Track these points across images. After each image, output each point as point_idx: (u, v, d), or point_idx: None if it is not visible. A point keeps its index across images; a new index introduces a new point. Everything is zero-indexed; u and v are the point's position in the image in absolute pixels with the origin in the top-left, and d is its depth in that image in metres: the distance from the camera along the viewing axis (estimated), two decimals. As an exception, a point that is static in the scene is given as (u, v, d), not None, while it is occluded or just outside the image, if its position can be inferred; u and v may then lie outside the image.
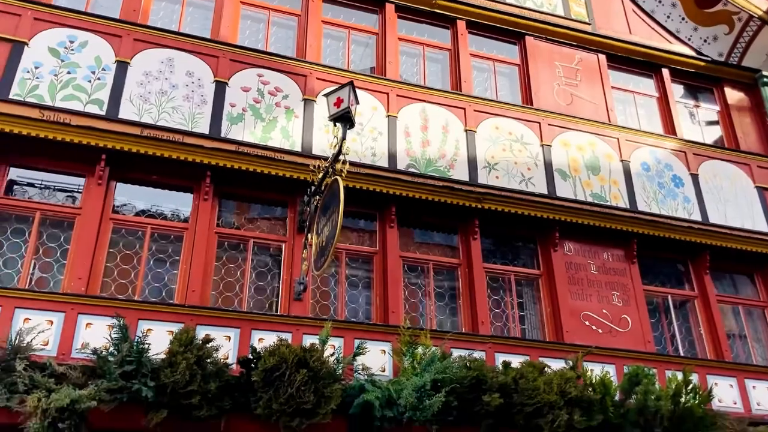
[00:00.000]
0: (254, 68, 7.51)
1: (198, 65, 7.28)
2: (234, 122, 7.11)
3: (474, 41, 8.98)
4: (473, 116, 8.16)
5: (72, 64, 6.80)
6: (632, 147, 8.74)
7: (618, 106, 9.35)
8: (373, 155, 7.50)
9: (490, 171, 7.90)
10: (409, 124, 7.84)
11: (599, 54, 9.39)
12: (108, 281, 6.40)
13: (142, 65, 7.05)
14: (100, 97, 6.73)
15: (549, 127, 8.45)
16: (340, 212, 5.68)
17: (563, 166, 8.25)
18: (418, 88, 8.16)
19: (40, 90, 6.55)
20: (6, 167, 6.46)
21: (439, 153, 7.79)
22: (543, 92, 8.77)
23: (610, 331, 7.57)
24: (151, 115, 6.83)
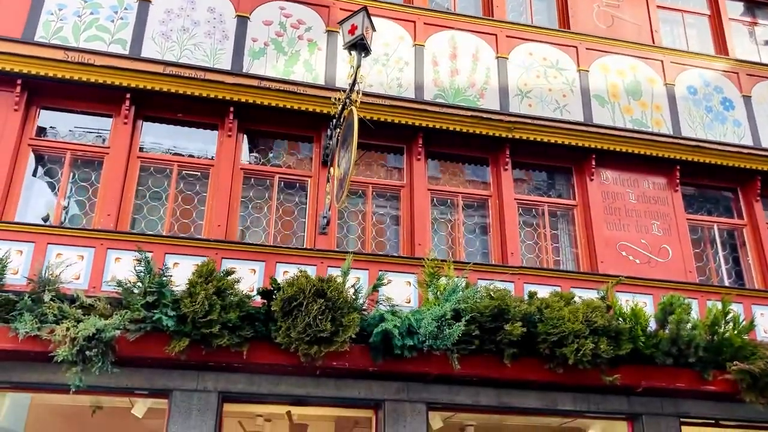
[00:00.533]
0: (276, 1, 7.39)
1: (219, 0, 7.22)
2: (256, 57, 7.06)
3: (507, -37, 8.58)
4: (505, 42, 7.83)
5: (94, 4, 6.84)
6: (678, 69, 8.24)
7: (664, 27, 8.81)
8: (399, 86, 7.33)
9: (523, 99, 7.62)
10: (437, 52, 7.61)
11: (644, -29, 8.82)
12: (138, 218, 6.56)
13: (163, 3, 7.03)
14: (123, 37, 6.78)
15: (587, 51, 8.04)
16: (353, 143, 5.61)
17: (601, 92, 7.87)
18: (446, 15, 7.88)
19: (65, 31, 6.64)
20: (37, 109, 6.62)
21: (469, 82, 7.54)
22: (581, 15, 8.32)
23: (649, 261, 7.30)
24: (173, 52, 6.85)
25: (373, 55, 7.33)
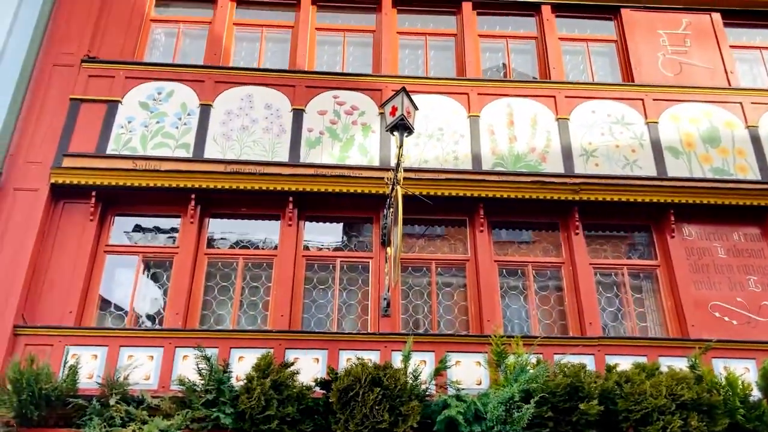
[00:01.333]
0: (330, 91, 7.58)
1: (276, 97, 7.50)
2: (312, 146, 7.22)
3: (563, 24, 8.41)
4: (564, 103, 7.61)
5: (160, 113, 7.29)
6: (761, 110, 7.66)
7: (742, 67, 8.29)
8: (456, 159, 7.24)
9: (588, 159, 7.30)
10: (492, 122, 7.49)
11: (712, 13, 8.37)
12: (207, 313, 6.72)
13: (223, 105, 7.39)
14: (187, 141, 7.15)
15: (654, 102, 7.66)
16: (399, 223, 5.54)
17: (674, 143, 7.42)
18: (501, 84, 7.79)
19: (133, 142, 7.09)
20: (111, 217, 7.03)
21: (529, 147, 7.34)
22: (645, 66, 7.97)
23: (748, 321, 6.61)
24: (233, 151, 7.13)
25: (428, 130, 7.39)
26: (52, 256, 6.56)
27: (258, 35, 8.22)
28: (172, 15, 8.22)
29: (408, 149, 7.16)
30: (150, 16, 8.11)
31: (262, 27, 8.24)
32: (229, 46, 8.02)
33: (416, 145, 7.28)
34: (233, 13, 8.23)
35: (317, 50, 8.18)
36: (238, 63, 8.01)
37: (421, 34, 8.34)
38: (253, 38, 8.23)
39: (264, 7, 8.35)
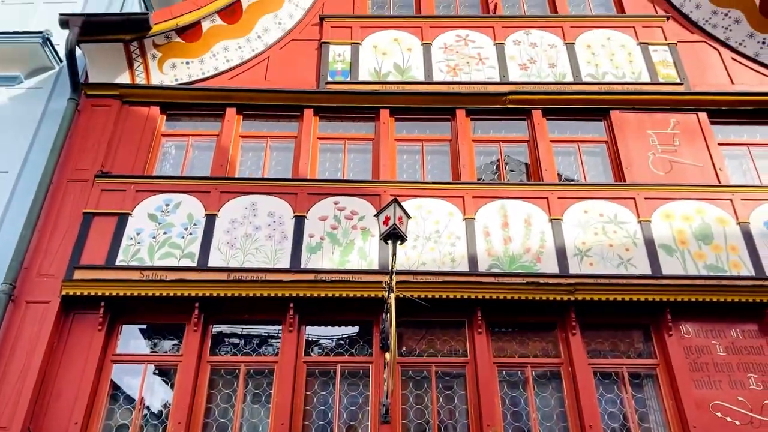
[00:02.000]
0: (330, 197, 7.90)
1: (279, 204, 7.81)
2: (313, 252, 7.46)
3: (554, 126, 8.76)
4: (557, 204, 7.84)
5: (168, 224, 7.62)
6: (751, 206, 7.81)
7: (732, 163, 8.50)
8: (452, 261, 7.42)
9: (583, 258, 7.45)
10: (488, 223, 7.71)
11: (698, 112, 8.66)
12: (209, 421, 6.80)
13: (228, 214, 7.72)
14: (192, 250, 7.43)
15: (646, 201, 7.85)
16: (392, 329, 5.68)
17: (668, 241, 7.56)
18: (494, 186, 8.06)
19: (141, 253, 7.39)
20: (119, 326, 7.25)
21: (523, 248, 7.52)
22: (636, 165, 8.23)
23: (751, 421, 6.54)
24: (237, 259, 7.39)
25: (425, 233, 7.62)
26: (60, 367, 6.76)
27: (263, 145, 8.65)
28: (182, 129, 8.71)
29: (406, 252, 7.41)
30: (161, 131, 8.60)
31: (267, 137, 8.68)
32: (235, 157, 8.43)
33: (414, 247, 7.51)
34: (240, 125, 8.70)
35: (319, 158, 8.56)
36: (243, 172, 8.41)
37: (418, 141, 8.72)
38: (259, 148, 8.66)
39: (269, 119, 8.81)
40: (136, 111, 8.56)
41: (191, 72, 8.90)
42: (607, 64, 9.07)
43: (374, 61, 9.15)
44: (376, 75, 9.03)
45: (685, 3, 9.80)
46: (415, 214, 7.69)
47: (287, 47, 9.37)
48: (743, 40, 9.29)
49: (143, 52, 8.62)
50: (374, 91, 8.82)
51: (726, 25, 9.42)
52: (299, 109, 8.74)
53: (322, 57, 9.18)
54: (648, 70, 9.04)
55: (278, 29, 9.50)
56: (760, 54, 9.19)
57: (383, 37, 9.39)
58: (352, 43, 9.30)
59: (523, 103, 8.75)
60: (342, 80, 8.98)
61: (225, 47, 9.10)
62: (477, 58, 9.16)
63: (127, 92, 8.60)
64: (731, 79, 9.03)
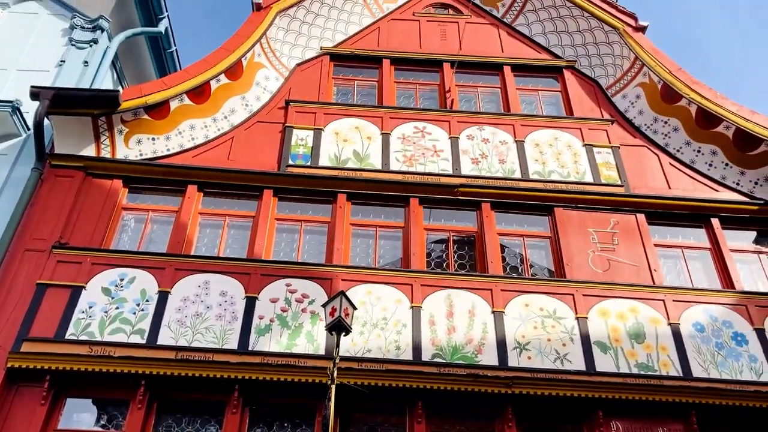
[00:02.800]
0: (283, 279, 8.13)
1: (231, 284, 8.02)
2: (261, 334, 7.65)
3: (502, 219, 9.19)
4: (500, 296, 8.18)
5: (121, 299, 7.76)
6: (682, 307, 8.25)
7: (667, 263, 9.00)
8: (398, 348, 7.67)
9: (522, 352, 7.76)
10: (434, 312, 8.01)
11: (636, 214, 9.20)
12: (147, 504, 6.82)
13: (181, 292, 7.88)
14: (142, 327, 7.56)
15: (584, 297, 8.25)
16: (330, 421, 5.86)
17: (603, 338, 7.93)
18: (442, 276, 8.39)
19: (92, 327, 7.49)
20: (63, 400, 7.27)
21: (466, 339, 7.82)
22: (577, 262, 8.67)
23: None
24: (186, 337, 7.53)
25: (373, 319, 7.88)
26: (-1, 441, 6.76)
27: (221, 223, 8.90)
28: (143, 203, 8.94)
29: (353, 337, 7.64)
30: (122, 204, 8.81)
31: (226, 216, 8.94)
32: (192, 234, 8.65)
33: (361, 333, 7.75)
34: (200, 203, 8.95)
35: (275, 238, 8.83)
36: (200, 249, 8.62)
37: (372, 226, 9.06)
38: (216, 225, 8.90)
39: (229, 197, 9.09)
40: (98, 183, 8.77)
41: (156, 148, 9.19)
42: (554, 163, 9.63)
43: (335, 147, 9.57)
44: (335, 161, 9.43)
45: (629, 108, 10.50)
46: (364, 299, 7.98)
47: (252, 128, 9.75)
48: (681, 147, 9.96)
49: (110, 127, 8.90)
50: (333, 176, 9.20)
51: (666, 132, 10.10)
52: (259, 190, 9.05)
53: (285, 140, 9.57)
54: (592, 170, 9.60)
55: (245, 111, 9.89)
56: (695, 161, 9.85)
57: (345, 125, 9.84)
58: (315, 128, 9.73)
59: (474, 195, 9.20)
60: (303, 164, 9.35)
61: (191, 125, 9.44)
62: (432, 150, 9.65)
63: (92, 164, 8.83)
64: (668, 183, 9.63)
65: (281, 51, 10.75)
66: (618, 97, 10.70)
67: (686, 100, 9.87)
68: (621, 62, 10.86)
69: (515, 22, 11.87)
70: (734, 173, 9.66)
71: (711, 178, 9.71)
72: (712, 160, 9.78)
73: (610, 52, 11.04)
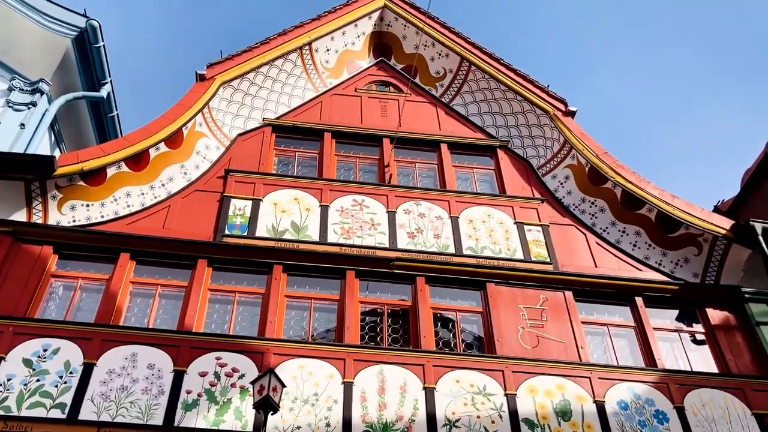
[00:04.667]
0: (214, 352, 8.02)
1: (160, 356, 7.86)
2: (188, 409, 7.48)
3: (435, 293, 9.35)
4: (432, 372, 8.25)
5: (42, 371, 7.50)
6: (607, 385, 8.48)
7: (593, 340, 9.28)
8: (327, 426, 7.60)
9: (451, 429, 7.79)
10: (366, 388, 8.00)
11: (565, 291, 9.51)
12: None
13: (107, 364, 7.68)
14: (64, 401, 7.30)
15: (513, 374, 8.40)
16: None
17: (530, 415, 8.05)
18: (375, 351, 8.42)
19: (9, 401, 7.20)
20: (-28, 479, 6.93)
21: (397, 415, 7.82)
22: (506, 338, 8.86)
23: None
24: (109, 412, 7.31)
25: (304, 395, 7.83)
26: None
27: (153, 292, 8.77)
28: (73, 271, 8.75)
29: (282, 414, 7.56)
30: (51, 271, 8.62)
31: (158, 285, 8.82)
32: (122, 304, 8.50)
33: (291, 409, 7.66)
34: (132, 271, 8.83)
35: (207, 309, 8.73)
36: (129, 320, 8.46)
37: (307, 298, 9.07)
38: (148, 295, 8.77)
39: (163, 266, 9.00)
40: (27, 249, 8.59)
41: (90, 214, 9.09)
42: (486, 239, 9.93)
43: (273, 217, 9.65)
44: (273, 231, 9.49)
45: (559, 188, 10.98)
46: (296, 374, 7.94)
47: (190, 197, 9.76)
48: (607, 227, 10.43)
49: (44, 192, 8.78)
50: (270, 247, 9.25)
51: (593, 212, 10.58)
52: (193, 259, 9.00)
53: (223, 210, 9.61)
54: (522, 247, 9.94)
55: (183, 179, 9.92)
56: (621, 241, 10.31)
57: (284, 196, 9.97)
58: (254, 198, 9.81)
59: (409, 269, 9.36)
60: (239, 234, 9.38)
61: (128, 193, 9.40)
62: (370, 223, 9.83)
63: (21, 230, 8.65)
64: (595, 262, 10.03)
65: (223, 121, 10.90)
66: (548, 177, 11.19)
67: (611, 182, 10.41)
68: (551, 144, 11.41)
69: (453, 102, 12.40)
70: (657, 254, 10.14)
71: (635, 258, 10.17)
72: (636, 240, 10.26)
73: (541, 134, 11.60)
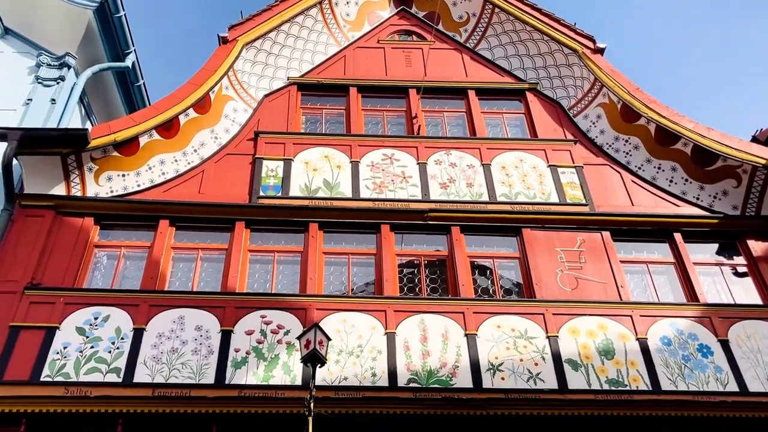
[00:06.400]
0: (258, 311, 8.20)
1: (206, 318, 8.06)
2: (238, 366, 7.70)
3: (471, 241, 9.37)
4: (472, 319, 8.34)
5: (95, 338, 7.76)
6: (648, 322, 8.49)
7: (633, 279, 9.24)
8: (374, 375, 7.76)
9: (495, 373, 7.91)
10: (408, 337, 8.13)
11: (602, 232, 9.46)
12: None
13: (156, 328, 7.90)
14: (118, 365, 7.56)
15: (554, 316, 8.44)
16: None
17: (573, 356, 8.11)
18: (415, 301, 8.53)
19: (67, 368, 7.48)
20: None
21: (440, 362, 7.94)
22: (545, 281, 8.87)
23: None
24: (162, 374, 7.56)
25: (348, 347, 7.97)
26: (-26, 489, 6.72)
27: (194, 257, 8.95)
28: (115, 240, 8.96)
29: (329, 366, 7.72)
30: (94, 242, 8.83)
31: (198, 249, 8.99)
32: (165, 269, 8.69)
33: (337, 362, 7.83)
34: (172, 237, 9.01)
35: (248, 269, 8.89)
36: (173, 284, 8.65)
37: (345, 254, 9.17)
38: (189, 259, 8.94)
39: (201, 230, 9.16)
40: (69, 222, 8.79)
41: (127, 184, 9.24)
42: (520, 185, 9.86)
43: (305, 176, 9.70)
44: (306, 190, 9.56)
45: (591, 128, 10.81)
46: (339, 328, 8.08)
47: (222, 161, 9.85)
48: (642, 165, 10.27)
49: (80, 165, 8.93)
50: (304, 206, 9.33)
51: (627, 150, 10.41)
52: (231, 222, 9.13)
53: (256, 171, 9.68)
54: (557, 191, 9.86)
55: (214, 144, 9.99)
56: (656, 178, 10.16)
57: (314, 154, 9.99)
58: (285, 159, 9.86)
59: (443, 220, 9.38)
60: (274, 195, 9.47)
61: (161, 160, 9.51)
62: (401, 176, 9.83)
63: (62, 203, 8.84)
64: (631, 200, 9.92)
65: (248, 83, 10.89)
66: (580, 118, 11.02)
67: (645, 118, 10.21)
68: (581, 83, 11.19)
69: (478, 47, 12.19)
70: (694, 188, 9.98)
71: (672, 194, 10.03)
72: (672, 176, 10.10)
73: (570, 73, 11.37)
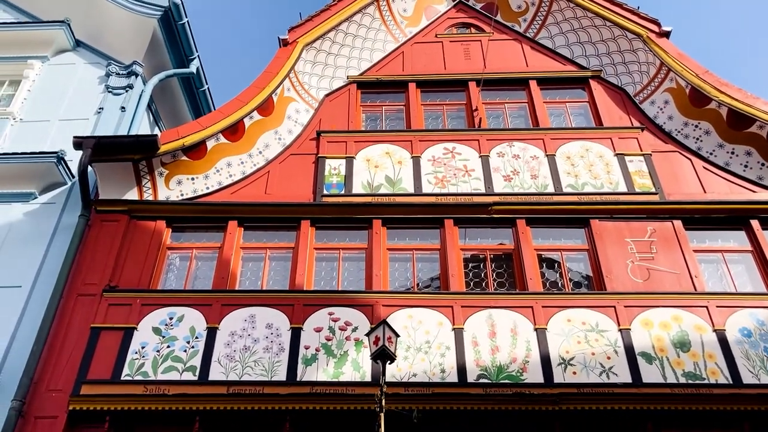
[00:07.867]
0: (325, 308, 8.29)
1: (276, 316, 8.21)
2: (308, 363, 7.81)
3: (538, 234, 9.24)
4: (542, 313, 8.22)
5: (171, 338, 8.01)
6: (726, 313, 8.18)
7: (707, 269, 8.94)
8: (442, 371, 7.75)
9: (567, 367, 7.78)
10: (476, 333, 8.08)
11: (673, 220, 9.16)
12: None
13: (228, 327, 8.10)
14: (193, 364, 7.78)
15: (626, 309, 8.24)
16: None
17: (647, 349, 7.90)
18: (482, 296, 8.47)
19: (146, 367, 7.75)
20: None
21: (510, 357, 7.87)
22: (616, 273, 8.66)
23: None
24: (236, 371, 7.74)
25: (416, 343, 7.99)
26: (64, 483, 7.04)
27: (262, 256, 9.13)
28: (186, 242, 9.22)
29: (398, 363, 7.74)
30: (166, 244, 9.11)
31: (266, 248, 9.17)
32: (235, 269, 8.89)
33: (405, 358, 7.86)
34: (241, 237, 9.21)
35: (315, 267, 9.01)
36: (243, 284, 8.86)
37: (409, 250, 9.17)
38: (258, 259, 9.13)
39: (268, 229, 9.33)
40: (143, 225, 9.09)
41: (196, 187, 9.49)
42: (586, 175, 9.65)
43: (367, 174, 9.76)
44: (368, 187, 9.61)
45: (659, 115, 10.48)
46: (406, 324, 8.10)
47: (286, 161, 10.00)
48: (714, 150, 9.90)
49: (151, 170, 9.23)
50: (367, 203, 9.38)
51: (697, 135, 10.05)
52: (297, 221, 9.27)
53: (319, 170, 9.80)
54: (625, 180, 9.60)
55: (278, 145, 10.16)
56: (730, 163, 9.77)
57: (376, 151, 10.03)
58: (347, 157, 9.94)
59: (508, 213, 9.27)
60: (337, 193, 9.56)
61: (228, 163, 9.73)
62: (463, 170, 9.77)
63: (135, 208, 9.16)
64: (704, 187, 9.57)
65: (309, 83, 11.02)
66: (646, 104, 10.70)
67: (716, 102, 9.83)
68: (647, 68, 10.87)
69: (538, 36, 11.98)
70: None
71: (747, 179, 9.63)
72: (747, 161, 9.70)
73: (635, 59, 11.06)
